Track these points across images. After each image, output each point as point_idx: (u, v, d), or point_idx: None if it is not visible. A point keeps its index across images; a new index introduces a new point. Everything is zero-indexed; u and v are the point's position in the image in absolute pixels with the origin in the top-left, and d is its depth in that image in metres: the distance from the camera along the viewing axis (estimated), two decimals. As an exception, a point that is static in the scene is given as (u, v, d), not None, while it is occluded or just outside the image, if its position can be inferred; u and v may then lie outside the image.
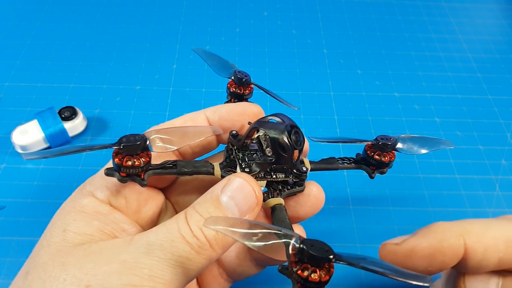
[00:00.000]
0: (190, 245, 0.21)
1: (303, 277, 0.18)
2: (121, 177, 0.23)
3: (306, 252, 0.18)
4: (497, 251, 0.22)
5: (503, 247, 0.22)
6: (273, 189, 0.26)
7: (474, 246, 0.23)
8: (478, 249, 0.22)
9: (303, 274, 0.18)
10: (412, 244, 0.24)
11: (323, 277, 0.18)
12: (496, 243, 0.22)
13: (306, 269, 0.18)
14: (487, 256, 0.23)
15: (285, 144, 0.24)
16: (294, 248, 0.19)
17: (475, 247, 0.22)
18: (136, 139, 0.23)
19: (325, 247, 0.19)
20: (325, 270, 0.19)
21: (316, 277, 0.18)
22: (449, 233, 0.23)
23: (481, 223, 0.23)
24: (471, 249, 0.23)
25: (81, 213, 0.24)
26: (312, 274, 0.18)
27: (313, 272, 0.18)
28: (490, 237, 0.23)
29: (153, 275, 0.20)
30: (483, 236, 0.23)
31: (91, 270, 0.20)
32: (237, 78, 0.31)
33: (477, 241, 0.23)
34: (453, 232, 0.23)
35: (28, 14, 0.54)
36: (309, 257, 0.18)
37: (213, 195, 0.23)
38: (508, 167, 0.42)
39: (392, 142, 0.28)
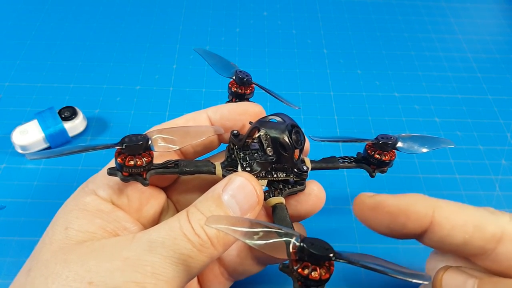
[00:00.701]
0: (192, 243, 0.21)
1: (304, 275, 0.18)
2: (123, 177, 0.24)
3: (307, 251, 0.18)
4: (463, 231, 0.23)
5: (471, 229, 0.23)
6: (274, 188, 0.26)
7: (442, 221, 0.23)
8: (445, 225, 0.23)
9: (303, 272, 0.18)
10: (381, 198, 0.24)
11: (323, 275, 0.19)
12: (465, 224, 0.23)
13: (307, 267, 0.19)
14: (452, 233, 0.23)
15: (286, 144, 0.24)
16: (295, 246, 0.19)
17: (442, 222, 0.23)
18: (138, 139, 0.23)
19: (326, 245, 0.19)
20: (325, 268, 0.19)
21: (316, 275, 0.18)
22: (421, 201, 0.24)
23: (457, 205, 0.24)
24: (438, 223, 0.23)
25: (83, 211, 0.24)
26: (312, 272, 0.18)
27: (314, 270, 0.19)
28: (460, 218, 0.23)
29: (156, 272, 0.21)
30: (454, 215, 0.23)
31: (93, 267, 0.21)
32: (238, 78, 0.31)
33: (446, 217, 0.23)
34: (425, 202, 0.24)
35: (28, 14, 0.54)
36: (309, 255, 0.19)
37: (214, 194, 0.23)
38: (508, 167, 0.42)
39: (393, 141, 0.28)
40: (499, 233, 0.23)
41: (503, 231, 0.23)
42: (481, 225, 0.23)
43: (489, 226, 0.23)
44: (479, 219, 0.23)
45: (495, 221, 0.23)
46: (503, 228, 0.23)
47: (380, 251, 0.35)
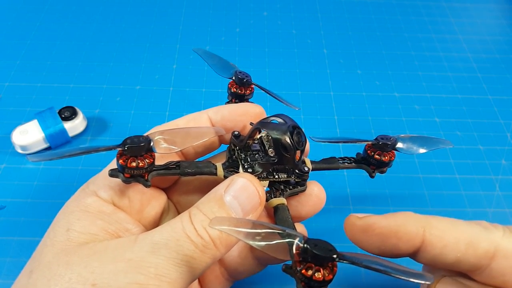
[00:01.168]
0: (194, 244, 0.21)
1: (307, 276, 0.19)
2: (125, 178, 0.24)
3: (310, 252, 0.19)
4: (456, 250, 0.23)
5: (463, 248, 0.23)
6: (275, 189, 0.26)
7: (433, 240, 0.23)
8: (437, 244, 0.23)
9: (307, 273, 0.19)
10: (371, 220, 0.24)
11: (326, 276, 0.19)
12: (457, 242, 0.23)
13: (310, 268, 0.19)
14: (445, 252, 0.23)
15: (287, 145, 0.25)
16: (298, 247, 0.19)
17: (434, 241, 0.23)
18: (140, 141, 0.23)
19: (329, 246, 0.19)
20: (328, 269, 0.19)
21: (320, 276, 0.18)
22: (411, 221, 0.24)
23: (448, 222, 0.24)
24: (429, 242, 0.23)
25: (85, 213, 0.24)
26: (316, 273, 0.19)
27: (317, 271, 0.19)
28: (452, 236, 0.23)
29: (159, 273, 0.21)
30: (445, 233, 0.23)
31: (96, 269, 0.21)
32: (238, 78, 0.31)
33: (438, 236, 0.23)
34: (415, 221, 0.24)
35: (28, 14, 0.54)
36: (313, 256, 0.19)
37: (216, 195, 0.23)
38: (508, 167, 0.42)
39: (392, 142, 0.28)
40: (492, 250, 0.22)
41: (496, 247, 0.22)
42: (473, 242, 0.23)
43: (482, 243, 0.23)
44: (472, 236, 0.23)
45: (488, 237, 0.23)
46: (496, 244, 0.22)
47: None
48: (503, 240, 0.22)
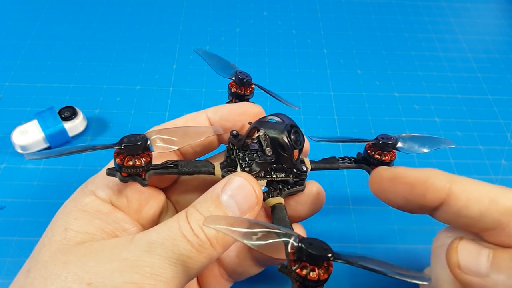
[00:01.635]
0: (191, 243, 0.21)
1: (302, 276, 0.18)
2: (122, 177, 0.23)
3: (305, 251, 0.18)
4: (479, 204, 0.23)
5: (487, 202, 0.23)
6: (273, 188, 0.26)
7: (459, 193, 0.23)
8: (462, 197, 0.23)
9: (301, 272, 0.18)
10: (400, 170, 0.25)
11: (321, 276, 0.19)
12: (481, 197, 0.23)
13: (305, 267, 0.19)
14: (469, 205, 0.23)
15: (284, 144, 0.24)
16: (293, 246, 0.19)
17: (459, 194, 0.23)
18: (137, 139, 0.23)
19: (324, 245, 0.19)
20: (323, 268, 0.19)
21: (314, 276, 0.18)
22: (438, 174, 0.24)
23: (472, 180, 0.24)
24: (455, 195, 0.23)
25: (82, 212, 0.24)
26: (310, 273, 0.18)
27: (312, 270, 0.18)
28: (477, 191, 0.23)
29: (155, 273, 0.21)
30: (470, 188, 0.23)
31: (92, 268, 0.21)
32: (238, 78, 0.31)
33: (463, 190, 0.23)
34: (442, 175, 0.24)
35: (28, 14, 0.54)
36: (307, 255, 0.18)
37: (213, 194, 0.23)
38: (508, 167, 0.42)
39: (393, 142, 0.28)
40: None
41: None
42: (496, 199, 0.23)
43: (505, 200, 0.23)
44: (495, 193, 0.23)
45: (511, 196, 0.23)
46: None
47: (380, 251, 0.35)
48: None
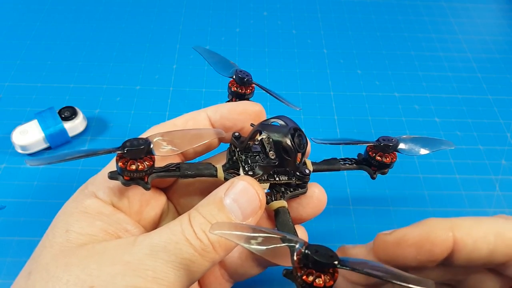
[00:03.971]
0: (193, 247, 0.21)
1: (308, 283, 0.18)
2: (124, 181, 0.23)
3: (311, 258, 0.18)
4: (487, 242, 0.23)
5: (493, 239, 0.23)
6: (275, 191, 0.26)
7: (464, 238, 0.23)
8: (468, 241, 0.23)
9: (308, 279, 0.18)
10: (402, 233, 0.24)
11: (327, 282, 0.19)
12: (486, 235, 0.23)
13: (311, 274, 0.19)
14: (477, 247, 0.23)
15: (288, 148, 0.24)
16: (299, 253, 0.19)
17: (464, 239, 0.23)
18: (140, 143, 0.23)
19: (330, 252, 0.19)
20: (329, 275, 0.19)
21: (321, 282, 0.18)
22: (438, 225, 0.24)
23: (471, 219, 0.24)
24: (461, 241, 0.23)
25: (84, 214, 0.23)
26: (317, 279, 0.18)
27: (318, 277, 0.19)
28: (480, 230, 0.23)
29: (157, 276, 0.20)
30: (473, 229, 0.23)
31: (94, 271, 0.20)
32: (239, 77, 0.31)
33: (467, 234, 0.23)
34: (442, 225, 0.24)
35: (28, 14, 0.54)
36: (314, 262, 0.18)
37: (216, 198, 0.23)
38: (508, 167, 0.42)
39: (394, 143, 0.28)
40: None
41: None
42: (501, 233, 0.23)
43: (509, 232, 0.23)
44: (498, 227, 0.23)
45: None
46: None
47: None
48: None
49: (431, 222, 0.24)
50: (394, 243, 0.25)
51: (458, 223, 0.24)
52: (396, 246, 0.24)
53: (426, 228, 0.24)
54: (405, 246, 0.24)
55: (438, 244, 0.23)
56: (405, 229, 0.25)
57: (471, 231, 0.23)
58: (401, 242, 0.24)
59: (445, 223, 0.24)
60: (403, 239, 0.24)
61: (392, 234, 0.25)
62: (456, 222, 0.24)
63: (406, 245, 0.24)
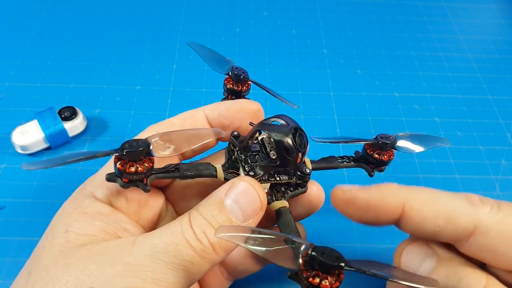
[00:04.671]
0: (193, 248, 0.21)
1: (314, 284, 0.19)
2: (123, 183, 0.23)
3: (318, 260, 0.19)
4: (434, 224, 0.23)
5: (442, 222, 0.23)
6: (276, 191, 0.26)
7: (412, 214, 0.23)
8: (415, 217, 0.23)
9: (314, 281, 0.19)
10: (352, 195, 0.25)
11: (333, 284, 0.19)
12: (436, 216, 0.23)
13: (317, 276, 0.19)
14: (423, 225, 0.23)
15: (289, 147, 0.24)
16: (304, 255, 0.19)
17: (412, 215, 0.23)
18: (139, 145, 0.23)
19: (336, 254, 0.19)
20: (335, 276, 0.19)
21: (327, 284, 0.19)
22: (392, 194, 0.24)
23: (430, 194, 0.24)
24: (408, 215, 0.23)
25: (82, 214, 0.23)
26: (323, 281, 0.19)
27: (324, 279, 0.19)
28: (431, 210, 0.23)
29: (156, 278, 0.20)
30: (425, 207, 0.23)
31: (94, 271, 0.20)
32: (235, 74, 0.31)
33: (417, 210, 0.23)
34: (396, 194, 0.24)
35: (28, 14, 0.54)
36: (320, 264, 0.19)
37: (217, 198, 0.23)
38: (508, 167, 0.42)
39: (391, 141, 0.28)
40: (472, 226, 0.22)
41: (476, 225, 0.22)
42: (453, 217, 0.22)
43: (462, 219, 0.22)
44: (452, 211, 0.23)
45: (470, 214, 0.22)
46: (477, 221, 0.22)
47: (380, 251, 0.35)
48: (487, 216, 0.22)
49: (386, 189, 0.24)
50: (344, 202, 0.25)
51: (413, 196, 0.24)
52: (346, 204, 0.25)
53: (378, 194, 0.24)
54: (353, 207, 0.25)
55: (384, 214, 0.24)
56: (358, 191, 0.25)
57: (422, 208, 0.23)
58: (349, 202, 0.25)
59: (400, 193, 0.24)
60: (352, 201, 0.25)
61: (345, 192, 0.25)
62: (412, 194, 0.24)
63: (355, 206, 0.25)
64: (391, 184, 0.25)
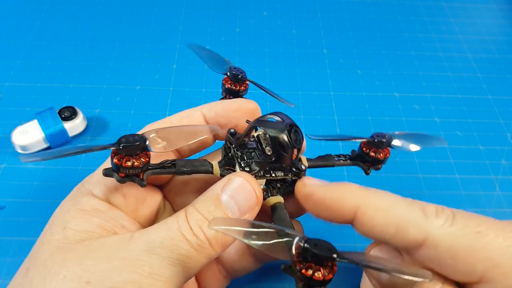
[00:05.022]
0: (190, 243, 0.21)
1: (307, 276, 0.19)
2: (120, 178, 0.23)
3: (310, 251, 0.19)
4: (385, 232, 0.23)
5: (393, 231, 0.23)
6: (272, 187, 0.26)
7: (364, 219, 0.23)
8: (367, 223, 0.23)
9: (307, 273, 0.19)
10: (311, 190, 0.25)
11: (326, 276, 0.19)
12: (387, 225, 0.23)
13: (310, 268, 0.19)
14: (374, 231, 0.23)
15: (285, 143, 0.24)
16: (298, 247, 0.19)
17: (364, 220, 0.23)
18: (136, 139, 0.23)
19: (329, 246, 0.19)
20: (328, 268, 0.19)
21: (320, 276, 0.19)
22: (348, 196, 0.24)
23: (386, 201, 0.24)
24: (360, 220, 0.23)
25: (80, 211, 0.24)
26: (316, 273, 0.19)
27: (317, 270, 0.19)
28: (384, 218, 0.23)
29: (153, 272, 0.21)
30: (377, 214, 0.23)
31: (91, 266, 0.21)
32: (233, 74, 0.31)
33: (369, 216, 0.23)
34: (352, 197, 0.24)
35: (28, 14, 0.54)
36: (313, 256, 0.19)
37: (213, 194, 0.23)
38: (508, 167, 0.42)
39: (387, 140, 0.29)
40: (422, 238, 0.22)
41: (426, 237, 0.22)
42: (404, 228, 0.22)
43: (413, 230, 0.22)
44: (404, 222, 0.23)
45: (421, 226, 0.22)
46: (428, 234, 0.22)
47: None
48: (438, 229, 0.22)
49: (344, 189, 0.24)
50: (304, 196, 0.25)
51: (369, 201, 0.23)
52: (304, 199, 0.25)
53: (335, 194, 0.24)
54: (309, 202, 0.25)
55: (337, 214, 0.24)
56: (316, 187, 0.25)
57: (375, 215, 0.23)
58: (307, 197, 0.25)
59: (356, 196, 0.24)
60: (310, 196, 0.25)
61: (305, 187, 0.25)
62: (368, 198, 0.24)
63: (310, 202, 0.25)
64: (352, 185, 0.25)
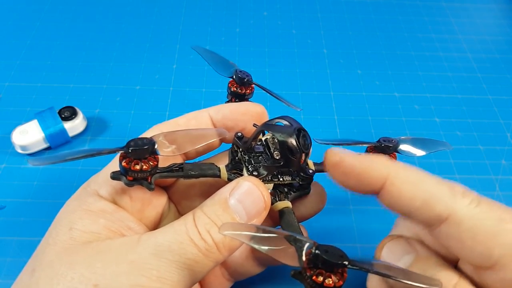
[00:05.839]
0: (198, 247, 0.21)
1: (318, 283, 0.19)
2: (128, 181, 0.23)
3: (321, 258, 0.19)
4: (410, 205, 0.23)
5: (418, 204, 0.23)
6: (279, 191, 0.26)
7: (392, 190, 0.23)
8: (394, 194, 0.23)
9: (317, 279, 0.19)
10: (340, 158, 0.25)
11: (337, 283, 0.19)
12: (414, 198, 0.23)
13: (321, 274, 0.19)
14: (400, 203, 0.23)
15: (294, 148, 0.24)
16: (308, 253, 0.19)
17: (392, 191, 0.23)
18: (144, 143, 0.23)
19: (340, 252, 0.19)
20: (339, 275, 0.19)
21: (330, 283, 0.19)
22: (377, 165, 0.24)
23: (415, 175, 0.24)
24: (388, 191, 0.23)
25: (87, 212, 0.24)
26: (326, 280, 0.19)
27: (328, 277, 0.19)
28: (411, 191, 0.23)
29: (161, 276, 0.21)
30: (406, 186, 0.23)
31: (99, 269, 0.21)
32: (238, 77, 0.31)
33: (397, 187, 0.23)
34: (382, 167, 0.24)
35: (28, 14, 0.54)
36: (324, 262, 0.19)
37: (221, 198, 0.23)
38: (508, 167, 0.42)
39: (394, 144, 0.29)
40: (446, 215, 0.22)
41: (450, 214, 0.22)
42: (430, 203, 0.22)
43: (438, 206, 0.22)
44: (431, 197, 0.22)
45: (448, 203, 0.22)
46: (453, 211, 0.22)
47: (380, 251, 0.35)
48: (464, 209, 0.22)
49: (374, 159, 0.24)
50: (333, 163, 0.25)
51: (398, 173, 0.23)
52: (333, 167, 0.25)
53: (365, 163, 0.24)
54: (339, 170, 0.25)
55: (365, 183, 0.24)
56: (347, 155, 0.25)
57: (403, 187, 0.23)
58: (336, 165, 0.25)
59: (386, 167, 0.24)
60: (338, 163, 0.25)
61: (335, 154, 0.25)
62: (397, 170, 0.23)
63: (338, 169, 0.25)
64: (382, 156, 0.25)
